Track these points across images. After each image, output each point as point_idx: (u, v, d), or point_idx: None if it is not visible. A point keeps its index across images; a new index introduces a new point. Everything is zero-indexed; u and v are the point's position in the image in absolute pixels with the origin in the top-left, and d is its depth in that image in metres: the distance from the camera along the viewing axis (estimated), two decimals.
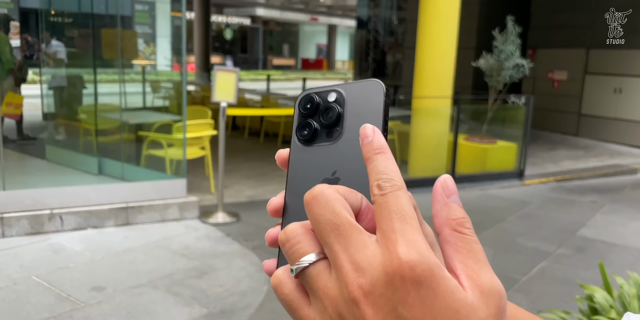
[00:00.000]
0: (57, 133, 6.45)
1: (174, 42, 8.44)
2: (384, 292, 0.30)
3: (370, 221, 0.34)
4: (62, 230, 4.46)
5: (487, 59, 6.69)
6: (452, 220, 0.33)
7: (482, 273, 0.32)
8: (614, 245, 4.67)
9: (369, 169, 0.34)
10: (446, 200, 0.34)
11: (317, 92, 0.40)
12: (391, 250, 0.31)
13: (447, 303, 0.30)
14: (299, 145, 0.39)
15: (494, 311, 0.31)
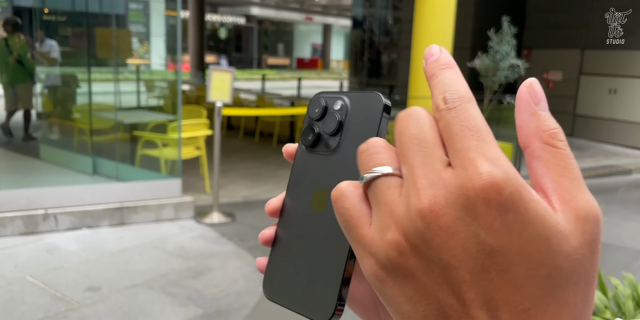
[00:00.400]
0: (52, 132, 6.42)
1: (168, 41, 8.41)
2: (463, 216, 0.26)
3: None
4: (57, 230, 4.44)
5: (482, 59, 6.70)
6: (543, 131, 0.29)
7: (578, 194, 0.27)
8: (609, 245, 4.69)
9: (433, 85, 0.30)
10: (534, 109, 0.29)
11: (327, 97, 0.40)
12: (471, 170, 0.26)
13: (537, 230, 0.26)
14: (303, 148, 0.40)
15: (589, 238, 0.27)
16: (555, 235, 0.26)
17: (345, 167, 0.37)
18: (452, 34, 6.30)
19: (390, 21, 16.29)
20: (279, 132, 8.81)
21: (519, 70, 6.67)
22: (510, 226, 0.26)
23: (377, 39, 16.43)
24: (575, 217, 0.27)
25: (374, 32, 16.46)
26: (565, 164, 0.28)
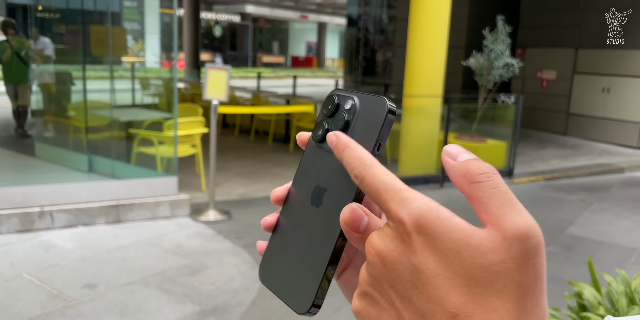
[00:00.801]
0: (47, 130, 6.41)
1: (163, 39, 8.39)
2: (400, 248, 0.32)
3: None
4: (53, 227, 4.43)
5: (477, 58, 6.73)
6: (467, 175, 0.32)
7: (506, 217, 0.30)
8: (602, 243, 4.73)
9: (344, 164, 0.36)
10: (453, 163, 0.33)
11: (340, 95, 0.41)
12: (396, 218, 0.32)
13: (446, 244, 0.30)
14: (312, 142, 0.42)
15: (515, 254, 0.29)
16: (465, 249, 0.30)
17: (343, 167, 0.38)
18: (447, 32, 6.33)
19: (386, 20, 16.30)
20: (275, 130, 8.81)
21: (514, 69, 6.71)
22: (426, 245, 0.31)
23: (372, 38, 16.44)
24: (502, 238, 0.30)
25: (369, 30, 16.47)
26: (490, 194, 0.31)
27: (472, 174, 0.32)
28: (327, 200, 0.39)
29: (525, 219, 0.30)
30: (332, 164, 0.39)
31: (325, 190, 0.39)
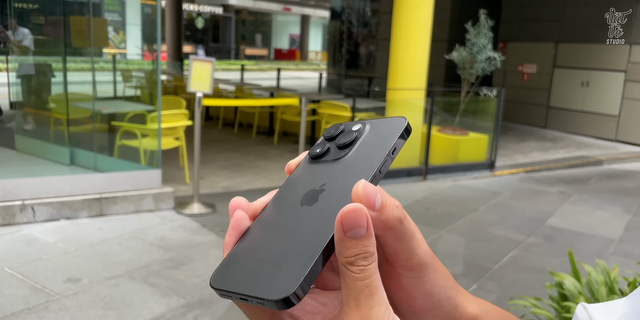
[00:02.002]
0: (26, 122, 6.31)
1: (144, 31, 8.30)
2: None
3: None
4: (35, 221, 4.39)
5: (459, 52, 6.78)
6: (343, 258, 0.34)
7: (355, 312, 0.34)
8: (581, 234, 4.82)
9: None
10: (341, 236, 0.34)
11: (347, 122, 0.42)
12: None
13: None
14: (306, 161, 0.42)
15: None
16: None
17: (350, 169, 0.38)
18: (430, 26, 6.35)
19: (369, 13, 16.29)
20: (259, 123, 8.79)
21: (495, 63, 6.77)
22: None
23: (355, 31, 16.43)
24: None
25: (352, 23, 16.45)
26: (355, 286, 0.34)
27: (347, 262, 0.34)
28: (324, 198, 0.38)
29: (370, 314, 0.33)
30: (333, 170, 0.39)
31: (322, 190, 0.38)
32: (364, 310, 0.33)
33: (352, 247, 0.34)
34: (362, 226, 0.34)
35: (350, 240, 0.34)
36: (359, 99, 8.10)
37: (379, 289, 0.34)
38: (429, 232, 4.65)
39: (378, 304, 0.34)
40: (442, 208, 5.40)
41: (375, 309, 0.34)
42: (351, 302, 0.34)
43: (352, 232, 0.34)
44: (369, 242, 0.34)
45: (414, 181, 6.36)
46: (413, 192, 5.94)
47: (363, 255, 0.34)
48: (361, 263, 0.34)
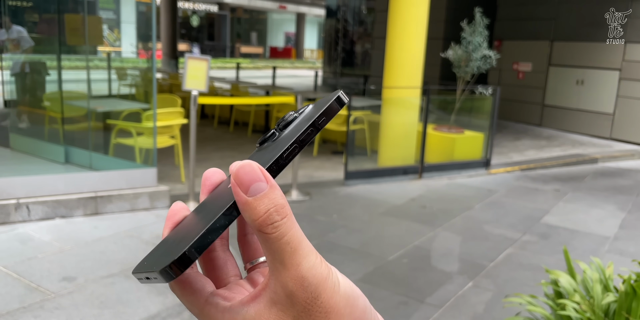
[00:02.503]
0: (21, 121, 6.28)
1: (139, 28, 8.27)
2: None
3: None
4: (29, 220, 4.37)
5: (455, 50, 6.78)
6: (254, 221, 0.32)
7: (284, 273, 0.32)
8: (576, 231, 4.84)
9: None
10: (244, 198, 0.32)
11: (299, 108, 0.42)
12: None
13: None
14: (254, 151, 0.42)
15: (299, 306, 0.32)
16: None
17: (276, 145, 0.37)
18: (426, 24, 6.36)
19: (365, 11, 16.28)
20: (254, 121, 8.78)
21: (491, 61, 6.78)
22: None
23: (351, 29, 16.42)
24: (286, 295, 0.32)
25: (348, 21, 16.44)
26: (275, 248, 0.32)
27: (260, 223, 0.31)
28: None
29: (300, 269, 0.32)
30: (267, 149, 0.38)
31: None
32: (292, 270, 0.32)
33: (259, 205, 0.31)
34: (261, 179, 0.32)
35: (254, 200, 0.31)
36: (354, 97, 8.10)
37: (301, 242, 0.32)
38: (424, 231, 4.66)
39: (305, 257, 0.32)
40: (438, 206, 5.41)
41: (304, 262, 0.32)
42: (277, 265, 0.32)
43: (252, 188, 0.31)
44: (274, 194, 0.32)
45: (410, 179, 6.37)
46: (409, 190, 5.95)
47: (274, 209, 0.31)
48: (275, 218, 0.31)
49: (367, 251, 4.14)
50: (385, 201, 5.48)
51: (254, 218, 0.31)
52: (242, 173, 0.32)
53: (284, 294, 0.32)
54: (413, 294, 3.47)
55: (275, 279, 0.32)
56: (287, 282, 0.32)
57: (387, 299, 3.39)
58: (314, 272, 0.32)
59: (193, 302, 0.36)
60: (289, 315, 0.32)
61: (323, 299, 0.32)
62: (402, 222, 4.89)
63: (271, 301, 0.33)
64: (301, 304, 0.32)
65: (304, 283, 0.32)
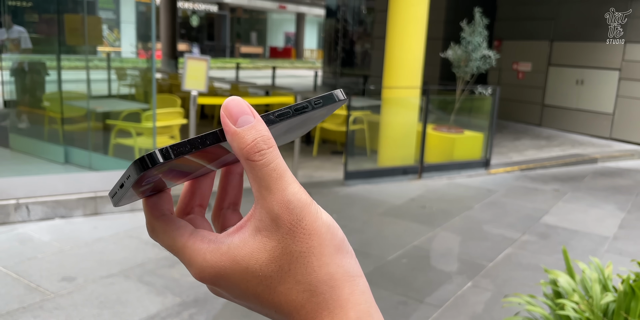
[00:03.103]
0: (20, 121, 6.28)
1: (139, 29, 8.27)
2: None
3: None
4: (29, 220, 4.37)
5: (454, 50, 6.79)
6: (242, 149, 0.33)
7: (269, 198, 0.33)
8: (576, 231, 4.84)
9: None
10: (233, 129, 0.33)
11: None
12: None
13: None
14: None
15: (285, 229, 0.33)
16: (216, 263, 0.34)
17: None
18: (426, 24, 6.36)
19: (364, 11, 16.28)
20: None
21: (491, 61, 6.78)
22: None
23: (351, 29, 16.42)
24: (271, 219, 0.33)
25: (347, 21, 16.44)
26: (261, 175, 0.33)
27: (247, 151, 0.33)
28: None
29: (285, 194, 0.33)
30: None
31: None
32: (277, 194, 0.33)
33: (247, 135, 0.33)
34: (248, 113, 0.33)
35: (242, 130, 0.33)
36: (354, 97, 8.10)
37: (286, 171, 0.34)
38: (424, 230, 4.66)
39: (290, 184, 0.33)
40: (438, 206, 5.41)
41: (289, 188, 0.33)
42: (263, 191, 0.33)
43: (240, 120, 0.33)
44: (260, 126, 0.33)
45: (410, 179, 6.37)
46: (408, 190, 5.95)
47: (261, 139, 0.33)
48: (261, 147, 0.33)
49: (367, 251, 4.14)
50: (384, 201, 5.48)
51: (242, 146, 0.33)
52: (231, 106, 0.33)
53: (270, 219, 0.33)
54: (412, 293, 3.48)
55: (261, 206, 0.33)
56: (273, 206, 0.33)
57: (386, 299, 3.39)
58: (299, 196, 0.33)
59: (176, 236, 0.36)
60: (274, 239, 0.33)
61: (307, 222, 0.33)
62: (402, 222, 4.90)
63: (256, 229, 0.34)
64: (286, 226, 0.33)
65: (290, 206, 0.33)
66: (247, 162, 0.33)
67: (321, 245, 0.34)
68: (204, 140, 0.33)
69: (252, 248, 0.34)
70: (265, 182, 0.33)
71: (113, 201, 0.37)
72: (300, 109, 0.36)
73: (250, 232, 0.34)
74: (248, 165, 0.33)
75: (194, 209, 0.42)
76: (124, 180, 0.34)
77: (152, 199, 0.39)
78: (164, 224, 0.37)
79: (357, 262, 0.36)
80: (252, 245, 0.34)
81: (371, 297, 0.35)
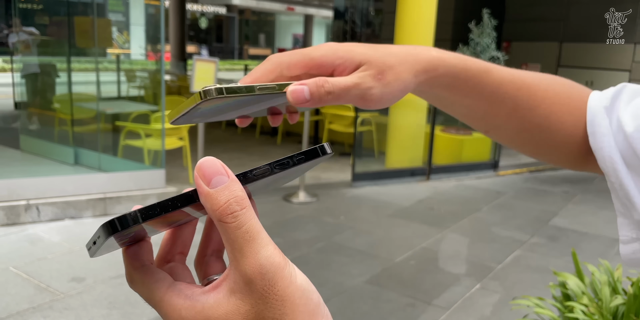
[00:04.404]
0: (31, 122, 6.34)
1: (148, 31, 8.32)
2: None
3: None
4: (39, 221, 4.40)
5: (463, 51, 6.77)
6: (214, 211, 0.33)
7: (242, 261, 0.33)
8: (585, 234, 4.81)
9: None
10: (205, 190, 0.33)
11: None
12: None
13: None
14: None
15: (257, 293, 0.33)
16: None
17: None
18: (434, 25, 6.35)
19: (372, 12, 16.29)
20: (262, 123, 8.80)
21: (499, 63, 6.76)
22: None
23: (359, 30, 16.42)
24: (244, 282, 0.33)
25: (355, 23, 16.45)
26: (234, 237, 0.33)
27: (220, 213, 0.33)
28: None
29: (258, 258, 0.33)
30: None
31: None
32: (250, 257, 0.33)
33: (220, 196, 0.33)
34: (222, 173, 0.33)
35: (215, 191, 0.33)
36: None
37: (260, 232, 0.33)
38: (432, 232, 4.65)
39: (263, 246, 0.33)
40: (446, 208, 5.39)
41: (262, 251, 0.33)
42: (236, 253, 0.33)
43: (214, 181, 0.33)
44: (234, 186, 0.33)
45: (417, 181, 6.36)
46: (416, 192, 5.94)
47: (234, 200, 0.33)
48: (234, 209, 0.33)
49: (375, 253, 4.13)
50: (392, 203, 5.48)
51: (215, 208, 0.33)
52: (204, 166, 0.33)
53: (243, 282, 0.33)
54: (420, 295, 3.47)
55: (235, 268, 0.33)
56: (245, 270, 0.33)
57: (394, 301, 3.38)
58: (272, 260, 0.33)
59: (154, 289, 0.36)
60: (247, 302, 0.33)
61: (279, 287, 0.33)
62: (410, 223, 4.89)
63: (231, 290, 0.34)
64: (259, 291, 0.33)
65: (262, 270, 0.33)
66: (219, 224, 0.33)
67: (294, 312, 0.33)
68: (175, 203, 0.34)
69: (226, 310, 0.34)
70: (238, 244, 0.33)
71: (90, 253, 0.37)
72: (281, 166, 0.36)
73: (225, 293, 0.34)
74: (221, 227, 0.33)
75: (175, 257, 0.42)
76: (96, 239, 0.35)
77: (132, 249, 0.39)
78: (143, 275, 0.37)
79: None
80: (227, 308, 0.34)
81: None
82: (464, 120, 0.60)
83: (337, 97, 0.47)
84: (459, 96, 0.56)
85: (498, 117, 0.57)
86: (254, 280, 0.33)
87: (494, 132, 0.60)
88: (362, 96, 0.49)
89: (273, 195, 5.44)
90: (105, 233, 0.33)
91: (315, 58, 0.49)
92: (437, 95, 0.56)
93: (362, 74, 0.49)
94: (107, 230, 0.33)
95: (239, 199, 0.33)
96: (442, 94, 0.55)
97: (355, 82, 0.48)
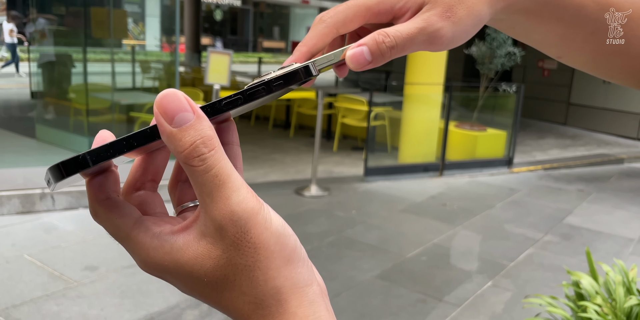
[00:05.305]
0: (47, 112, 6.40)
1: (163, 22, 8.33)
2: None
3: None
4: (54, 209, 4.45)
5: (479, 47, 6.71)
6: (179, 153, 0.30)
7: (212, 207, 0.31)
8: (600, 233, 4.76)
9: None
10: (168, 129, 0.30)
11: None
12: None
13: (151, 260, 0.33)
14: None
15: (229, 240, 0.31)
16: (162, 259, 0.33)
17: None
18: None
19: None
20: (275, 116, 8.80)
21: (515, 58, 6.69)
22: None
23: None
24: (215, 228, 0.31)
25: None
26: (203, 181, 0.30)
27: (185, 156, 0.30)
28: None
29: (229, 203, 0.30)
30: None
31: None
32: (220, 203, 0.30)
33: (184, 137, 0.30)
34: (187, 109, 0.30)
35: (179, 131, 0.30)
36: (376, 93, 8.06)
37: (230, 175, 0.31)
38: (444, 228, 4.63)
39: (235, 191, 0.30)
40: (459, 204, 5.37)
41: (234, 196, 0.30)
42: (205, 198, 0.31)
43: (177, 118, 0.29)
44: (201, 125, 0.30)
45: (430, 177, 6.33)
46: (429, 187, 5.91)
47: (201, 141, 0.30)
48: (201, 151, 0.30)
49: (386, 248, 4.13)
50: (405, 198, 5.46)
51: (179, 150, 0.30)
52: (166, 102, 0.30)
53: (214, 227, 0.31)
54: (431, 292, 3.46)
55: (205, 212, 0.31)
56: (216, 216, 0.31)
57: (405, 297, 3.38)
58: (244, 206, 0.31)
59: (120, 225, 0.34)
60: (218, 247, 0.31)
61: (253, 234, 0.31)
62: (422, 219, 4.87)
63: (201, 233, 0.32)
64: (230, 238, 0.31)
65: (233, 217, 0.30)
66: (186, 167, 0.30)
67: (268, 259, 0.31)
68: (131, 143, 0.30)
69: (196, 253, 0.32)
70: (207, 189, 0.30)
71: (50, 188, 0.33)
72: (254, 94, 0.33)
73: (195, 236, 0.32)
74: (188, 170, 0.30)
75: (145, 184, 0.38)
76: (47, 181, 0.32)
77: (96, 180, 0.35)
78: (108, 209, 0.34)
79: (310, 268, 0.34)
80: (196, 250, 0.32)
81: (321, 305, 0.33)
82: (537, 47, 0.54)
83: (402, 49, 0.42)
84: (536, 21, 0.50)
85: (574, 42, 0.52)
86: (225, 227, 0.31)
87: (567, 57, 0.54)
88: (430, 40, 0.43)
89: (285, 189, 5.45)
90: (54, 178, 0.30)
91: (372, 7, 0.44)
92: (512, 22, 0.50)
93: (426, 15, 0.43)
94: (55, 175, 0.30)
95: (207, 139, 0.30)
96: (519, 19, 0.49)
97: (419, 27, 0.42)
